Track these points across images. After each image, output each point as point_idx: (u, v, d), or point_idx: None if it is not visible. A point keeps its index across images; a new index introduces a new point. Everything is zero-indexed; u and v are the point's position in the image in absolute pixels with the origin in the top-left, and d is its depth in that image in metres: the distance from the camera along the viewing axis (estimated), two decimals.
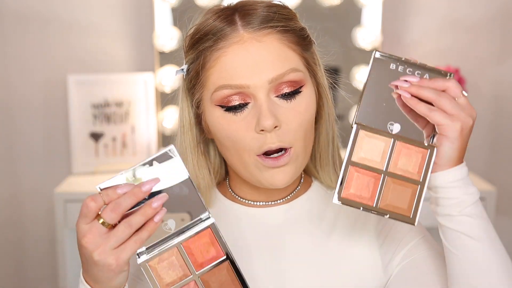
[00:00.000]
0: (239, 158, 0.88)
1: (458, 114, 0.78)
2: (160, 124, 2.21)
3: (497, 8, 2.28)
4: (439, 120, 0.78)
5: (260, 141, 0.85)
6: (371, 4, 2.17)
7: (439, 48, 2.30)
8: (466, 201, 0.79)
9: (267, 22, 0.85)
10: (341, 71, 2.20)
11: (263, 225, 0.95)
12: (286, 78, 0.85)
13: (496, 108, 2.35)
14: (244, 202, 0.97)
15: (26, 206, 2.33)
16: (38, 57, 2.24)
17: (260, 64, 0.84)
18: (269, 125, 0.83)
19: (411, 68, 0.81)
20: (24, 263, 2.37)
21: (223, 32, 0.85)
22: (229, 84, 0.84)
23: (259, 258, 0.93)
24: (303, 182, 1.00)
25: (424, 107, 0.78)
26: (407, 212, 0.80)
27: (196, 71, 0.88)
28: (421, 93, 0.78)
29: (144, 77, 2.19)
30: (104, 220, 0.74)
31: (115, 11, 2.24)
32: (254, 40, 0.85)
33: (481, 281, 0.79)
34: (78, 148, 2.16)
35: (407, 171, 0.81)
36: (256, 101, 0.85)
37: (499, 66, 2.32)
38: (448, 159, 0.79)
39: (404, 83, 0.80)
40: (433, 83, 0.79)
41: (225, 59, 0.85)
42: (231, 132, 0.86)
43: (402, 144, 0.81)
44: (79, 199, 1.96)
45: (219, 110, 0.86)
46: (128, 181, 0.76)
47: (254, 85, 0.84)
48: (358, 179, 0.81)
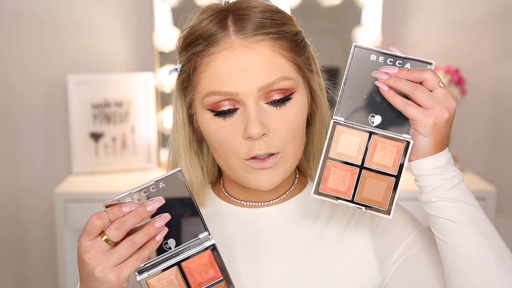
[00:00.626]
0: (226, 161, 0.88)
1: (433, 108, 0.78)
2: (160, 124, 2.21)
3: (497, 8, 2.28)
4: (413, 115, 0.78)
5: (248, 147, 0.85)
6: (371, 4, 2.17)
7: (439, 48, 2.30)
8: (443, 186, 0.80)
9: (260, 28, 0.85)
10: (341, 71, 2.20)
11: (255, 225, 0.95)
12: (276, 86, 0.85)
13: (496, 108, 2.35)
14: (237, 202, 0.97)
15: (26, 206, 2.33)
16: (38, 57, 2.24)
17: (250, 72, 0.84)
18: (256, 133, 0.83)
19: (392, 58, 0.82)
20: (24, 263, 2.37)
21: (214, 38, 0.85)
22: (218, 91, 0.84)
23: (249, 258, 0.93)
24: (297, 183, 1.00)
25: (400, 101, 0.79)
26: (382, 204, 0.82)
27: (187, 73, 0.88)
28: (398, 85, 0.79)
29: (144, 77, 2.19)
30: (108, 238, 0.75)
31: (115, 11, 2.24)
32: (244, 47, 0.84)
33: (469, 266, 0.79)
34: (78, 148, 2.16)
35: (383, 164, 0.82)
36: (245, 108, 0.85)
37: (499, 66, 2.32)
38: (424, 151, 0.80)
39: (383, 75, 0.80)
40: (411, 74, 0.79)
41: (215, 65, 0.85)
42: (219, 136, 0.86)
43: (378, 138, 0.82)
44: (79, 199, 1.96)
45: (209, 114, 0.87)
46: (133, 199, 0.77)
47: (243, 93, 0.84)
48: (334, 174, 0.83)
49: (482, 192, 1.99)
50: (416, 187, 0.83)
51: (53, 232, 2.26)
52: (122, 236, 0.76)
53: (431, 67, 0.81)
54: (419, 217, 0.97)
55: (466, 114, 2.34)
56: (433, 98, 0.78)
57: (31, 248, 2.36)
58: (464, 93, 2.21)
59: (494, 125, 2.36)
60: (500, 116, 2.35)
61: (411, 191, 1.95)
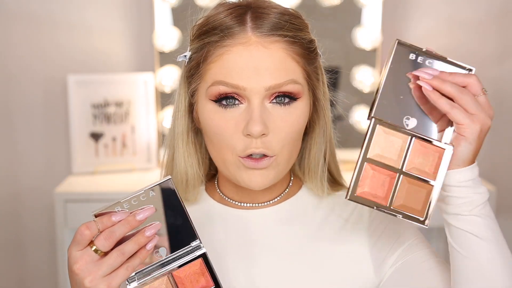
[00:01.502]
0: (220, 155, 0.88)
1: (479, 114, 0.76)
2: (160, 124, 2.21)
3: (497, 8, 2.28)
4: (460, 119, 0.76)
5: (245, 143, 0.85)
6: (371, 4, 2.17)
7: (439, 48, 2.28)
8: (476, 200, 0.78)
9: (277, 30, 0.85)
10: (341, 71, 2.20)
11: (249, 227, 0.95)
12: (284, 89, 0.85)
13: (496, 108, 2.33)
14: (232, 203, 0.97)
15: (26, 206, 2.33)
16: (38, 57, 2.24)
17: (261, 70, 0.83)
18: (256, 131, 0.83)
19: (431, 59, 0.78)
20: (24, 263, 2.37)
21: (231, 31, 0.84)
22: (226, 81, 0.84)
23: (243, 260, 0.93)
24: (292, 185, 0.99)
25: (446, 103, 0.76)
26: (420, 213, 0.78)
27: (197, 61, 0.87)
28: (443, 87, 0.76)
29: (144, 77, 2.19)
30: (97, 248, 0.75)
31: (115, 11, 2.24)
32: (260, 45, 0.84)
33: (484, 282, 0.79)
34: (78, 148, 2.16)
35: (423, 170, 0.78)
36: (250, 105, 0.84)
37: (499, 66, 2.32)
38: (463, 159, 0.78)
39: (427, 75, 0.77)
40: (454, 77, 0.77)
41: (228, 57, 0.84)
42: (219, 128, 0.86)
43: (420, 142, 0.78)
44: (79, 199, 1.96)
45: (212, 104, 0.86)
46: (123, 208, 0.76)
47: (251, 89, 0.84)
48: (374, 177, 0.78)
49: None
50: None
51: (53, 232, 2.25)
52: (112, 246, 0.75)
53: (471, 72, 0.78)
54: None
55: None
56: (478, 104, 0.76)
57: (31, 248, 2.36)
58: None
59: (494, 125, 2.35)
60: (500, 116, 2.35)
61: None
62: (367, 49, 2.18)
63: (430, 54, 0.79)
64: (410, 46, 0.79)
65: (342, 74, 2.19)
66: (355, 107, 2.23)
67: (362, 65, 2.21)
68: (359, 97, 2.22)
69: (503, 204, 2.35)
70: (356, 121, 2.21)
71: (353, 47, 2.19)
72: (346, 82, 2.21)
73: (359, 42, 2.18)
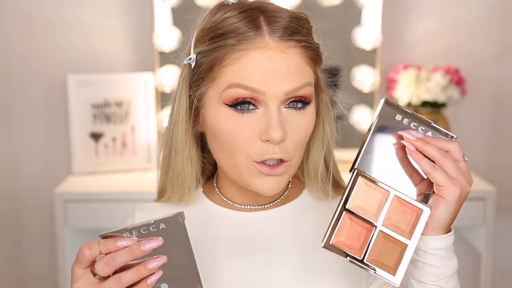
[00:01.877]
0: (231, 160, 0.87)
1: (459, 178, 0.76)
2: (160, 124, 2.21)
3: (497, 8, 2.28)
4: (441, 181, 0.76)
5: (263, 149, 0.84)
6: (371, 4, 2.17)
7: (439, 48, 2.30)
8: (444, 273, 0.79)
9: (293, 34, 0.85)
10: (341, 71, 2.20)
11: (249, 229, 0.94)
12: (300, 93, 0.85)
13: (496, 108, 2.35)
14: (231, 204, 0.96)
15: (26, 206, 2.33)
16: (38, 57, 2.24)
17: (280, 75, 0.83)
18: (277, 137, 0.83)
19: (416, 123, 0.80)
20: (24, 263, 2.37)
21: (248, 35, 0.84)
22: (245, 84, 0.83)
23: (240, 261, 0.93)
24: (292, 187, 0.99)
25: (428, 164, 0.77)
26: (392, 270, 0.78)
27: (210, 64, 0.86)
28: (426, 149, 0.77)
29: (144, 77, 2.19)
30: (96, 272, 0.74)
31: (115, 11, 2.24)
32: (278, 50, 0.83)
33: None
34: (78, 148, 2.16)
35: (400, 228, 0.78)
36: (267, 110, 0.84)
37: (499, 66, 2.32)
38: (441, 223, 0.78)
39: (410, 135, 0.79)
40: (437, 142, 0.78)
41: (246, 61, 0.83)
42: (233, 134, 0.85)
43: (399, 200, 0.79)
44: (79, 199, 1.96)
45: (226, 109, 0.85)
46: (131, 235, 0.74)
47: (270, 93, 0.83)
48: (351, 228, 0.78)
49: (482, 192, 1.99)
50: None
51: (53, 232, 2.26)
52: (110, 272, 0.73)
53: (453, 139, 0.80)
54: None
55: (466, 114, 2.34)
56: (459, 168, 0.77)
57: (31, 248, 2.36)
58: (464, 93, 2.21)
59: (494, 125, 2.36)
60: (500, 116, 2.35)
61: None
62: (367, 49, 2.18)
63: (416, 117, 0.81)
64: (397, 107, 0.81)
65: (342, 74, 2.19)
66: (355, 107, 2.23)
67: (362, 65, 2.21)
68: (359, 97, 2.22)
69: (503, 204, 2.35)
70: (356, 121, 2.21)
71: (353, 47, 2.19)
72: (346, 82, 2.21)
73: (359, 42, 2.18)
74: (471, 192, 2.13)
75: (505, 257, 2.42)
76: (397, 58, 2.29)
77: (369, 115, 2.21)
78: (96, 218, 1.95)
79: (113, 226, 1.00)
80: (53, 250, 2.30)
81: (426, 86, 2.14)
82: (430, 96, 2.14)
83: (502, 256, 2.41)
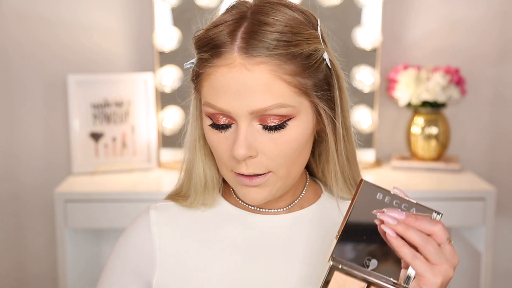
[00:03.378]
0: (220, 168, 0.89)
1: (441, 266, 0.72)
2: (160, 124, 2.21)
3: (497, 8, 2.28)
4: (421, 272, 0.72)
5: (235, 163, 0.85)
6: (371, 4, 2.17)
7: (439, 48, 2.30)
8: None
9: (264, 50, 0.80)
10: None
11: (263, 231, 0.94)
12: (270, 112, 0.82)
13: (496, 108, 2.35)
14: (246, 206, 0.96)
15: (26, 205, 2.33)
16: (38, 57, 2.24)
17: (243, 94, 0.81)
18: (239, 155, 0.82)
19: (398, 200, 0.76)
20: (24, 263, 2.37)
21: (220, 50, 0.82)
22: (213, 104, 0.83)
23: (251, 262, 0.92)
24: (309, 190, 0.98)
25: (408, 253, 0.72)
26: None
27: (195, 75, 0.87)
28: (408, 234, 0.72)
29: (144, 77, 2.19)
30: None
31: (115, 11, 2.24)
32: (243, 68, 0.80)
33: None
34: (78, 148, 2.16)
35: None
36: (237, 126, 0.83)
37: (499, 66, 2.32)
38: None
39: (391, 220, 0.73)
40: (420, 224, 0.73)
41: (214, 78, 0.83)
42: (215, 145, 0.86)
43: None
44: (79, 199, 1.96)
45: (209, 120, 0.86)
46: None
47: (235, 112, 0.82)
48: None
49: (482, 192, 1.99)
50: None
51: (53, 232, 2.26)
52: None
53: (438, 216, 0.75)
54: None
55: (466, 114, 2.34)
56: (442, 254, 0.73)
57: (31, 247, 2.36)
58: (464, 93, 2.21)
59: (494, 125, 2.36)
60: (500, 116, 2.35)
61: (410, 191, 1.95)
62: (367, 49, 2.18)
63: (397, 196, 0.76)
64: (378, 187, 0.76)
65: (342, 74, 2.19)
66: (355, 107, 2.23)
67: (362, 65, 2.21)
68: (359, 97, 2.22)
69: (503, 204, 2.35)
70: (356, 121, 2.21)
71: (353, 47, 2.19)
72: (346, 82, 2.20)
73: (359, 42, 2.18)
74: (471, 192, 2.14)
75: (505, 257, 2.42)
76: (397, 58, 2.29)
77: (369, 115, 2.21)
78: (96, 218, 1.95)
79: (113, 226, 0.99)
80: (53, 250, 2.30)
81: (426, 86, 2.14)
82: (430, 96, 2.14)
83: (502, 256, 2.41)
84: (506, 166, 2.37)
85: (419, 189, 1.99)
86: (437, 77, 2.14)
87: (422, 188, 2.00)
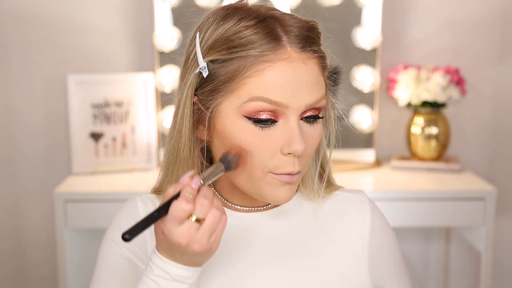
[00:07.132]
0: (246, 171, 0.86)
1: None
2: (160, 124, 2.21)
3: (497, 8, 2.28)
4: None
5: (284, 163, 0.84)
6: (371, 4, 2.17)
7: (439, 48, 2.30)
8: None
9: (310, 45, 0.84)
10: (340, 71, 2.20)
11: (248, 229, 0.94)
12: (319, 104, 0.85)
13: (496, 108, 2.35)
14: (230, 205, 0.95)
15: (26, 206, 2.33)
16: (38, 57, 2.24)
17: (303, 88, 0.83)
18: (301, 149, 0.83)
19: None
20: (24, 263, 2.37)
21: (269, 46, 0.82)
22: (268, 98, 0.82)
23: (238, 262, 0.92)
24: None
25: None
26: None
27: (230, 75, 0.83)
28: None
29: (144, 77, 2.19)
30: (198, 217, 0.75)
31: (115, 11, 2.24)
32: (301, 62, 0.83)
33: None
34: (78, 148, 2.16)
35: None
36: (287, 122, 0.83)
37: (499, 66, 2.32)
38: None
39: None
40: None
41: (270, 73, 0.82)
42: (253, 146, 0.84)
43: None
44: (79, 199, 1.96)
45: (245, 122, 0.83)
46: None
47: (292, 107, 0.82)
48: None
49: (482, 192, 1.99)
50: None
51: (53, 232, 2.26)
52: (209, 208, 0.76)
53: None
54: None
55: (466, 114, 2.34)
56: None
57: (31, 248, 2.36)
58: (464, 93, 2.21)
59: (494, 125, 2.36)
60: (500, 116, 2.35)
61: (410, 191, 1.95)
62: (367, 49, 2.18)
63: None
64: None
65: (342, 74, 2.19)
66: (355, 107, 2.23)
67: (362, 65, 2.21)
68: (359, 97, 2.22)
69: (503, 204, 2.35)
70: (356, 121, 2.21)
71: (353, 47, 2.19)
72: (346, 82, 2.20)
73: (359, 42, 2.18)
74: (471, 192, 2.14)
75: (505, 257, 2.42)
76: (397, 58, 2.29)
77: (369, 115, 2.21)
78: (96, 218, 1.95)
79: None
80: (53, 250, 2.30)
81: (426, 86, 2.14)
82: (430, 96, 2.14)
83: (502, 256, 2.41)
84: (506, 166, 2.37)
85: (419, 189, 1.99)
86: (437, 77, 2.14)
87: (422, 188, 2.00)
